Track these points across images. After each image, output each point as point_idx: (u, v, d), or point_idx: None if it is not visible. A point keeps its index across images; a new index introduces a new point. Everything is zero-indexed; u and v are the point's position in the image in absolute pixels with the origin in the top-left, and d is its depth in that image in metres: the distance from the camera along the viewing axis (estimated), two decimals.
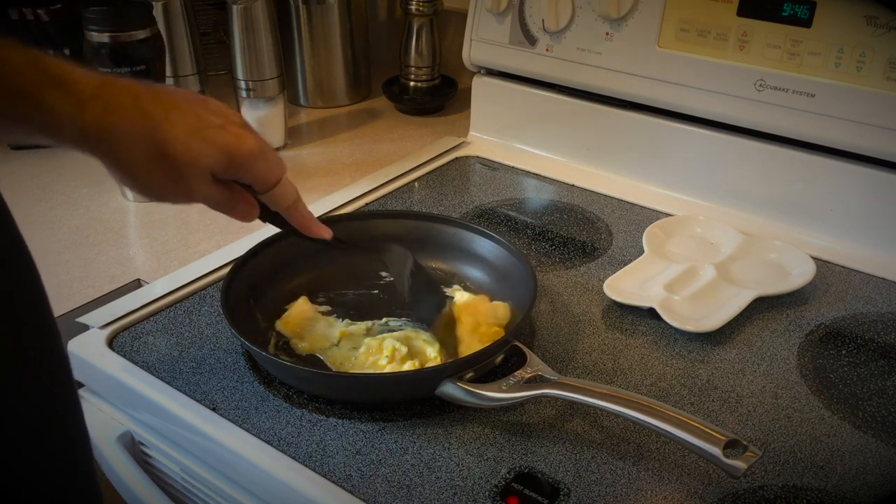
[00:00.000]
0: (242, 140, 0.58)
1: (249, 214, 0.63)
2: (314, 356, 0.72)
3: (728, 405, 0.67)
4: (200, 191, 0.58)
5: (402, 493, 0.58)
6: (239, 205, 0.62)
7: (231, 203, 0.61)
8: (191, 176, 0.56)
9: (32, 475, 0.55)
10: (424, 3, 1.24)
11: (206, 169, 0.57)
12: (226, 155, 0.57)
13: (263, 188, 0.62)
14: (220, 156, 0.57)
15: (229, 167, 0.58)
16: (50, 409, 0.56)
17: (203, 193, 0.58)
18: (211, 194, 0.59)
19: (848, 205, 0.88)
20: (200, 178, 0.57)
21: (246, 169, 0.59)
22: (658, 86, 0.96)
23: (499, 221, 0.95)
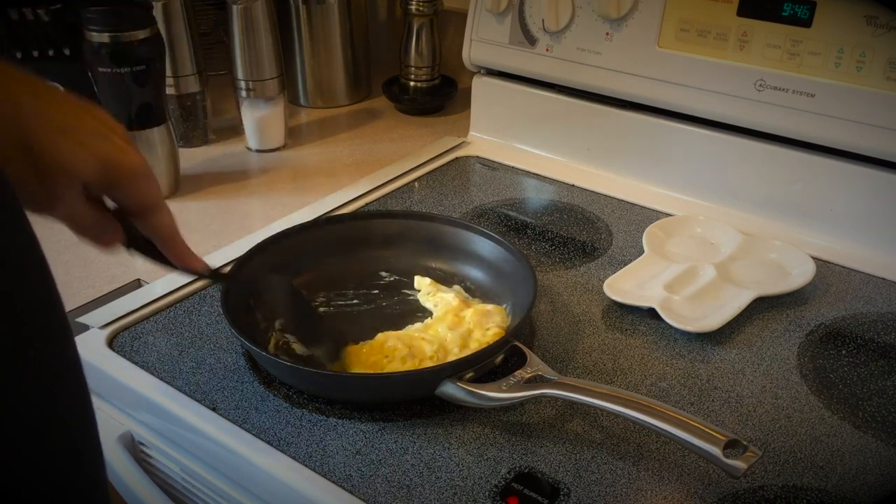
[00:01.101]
0: (125, 153, 0.52)
1: (114, 240, 0.57)
2: (314, 356, 0.72)
3: (728, 405, 0.67)
4: (67, 202, 0.51)
5: (402, 493, 0.58)
6: (105, 233, 0.56)
7: (99, 227, 0.55)
8: (59, 182, 0.50)
9: (32, 475, 0.55)
10: (424, 3, 1.24)
11: (79, 177, 0.50)
12: (104, 166, 0.51)
13: (141, 211, 0.56)
14: (97, 166, 0.51)
15: (106, 181, 0.52)
16: (51, 410, 0.55)
17: (70, 207, 0.52)
18: (78, 211, 0.53)
19: (848, 205, 0.88)
20: (69, 188, 0.51)
21: (123, 186, 0.53)
22: (658, 86, 0.96)
23: (499, 221, 0.95)
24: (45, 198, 0.50)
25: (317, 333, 0.73)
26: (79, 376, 0.57)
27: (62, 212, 0.52)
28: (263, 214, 1.00)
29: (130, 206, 0.55)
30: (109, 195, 0.54)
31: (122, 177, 0.52)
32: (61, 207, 0.52)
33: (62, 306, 0.55)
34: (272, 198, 1.05)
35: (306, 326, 0.74)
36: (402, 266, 0.83)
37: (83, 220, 0.54)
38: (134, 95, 0.98)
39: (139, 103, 0.99)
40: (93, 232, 0.55)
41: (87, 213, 0.54)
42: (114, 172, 0.52)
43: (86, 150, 0.50)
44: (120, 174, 0.52)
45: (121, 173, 0.52)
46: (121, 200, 0.55)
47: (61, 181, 0.50)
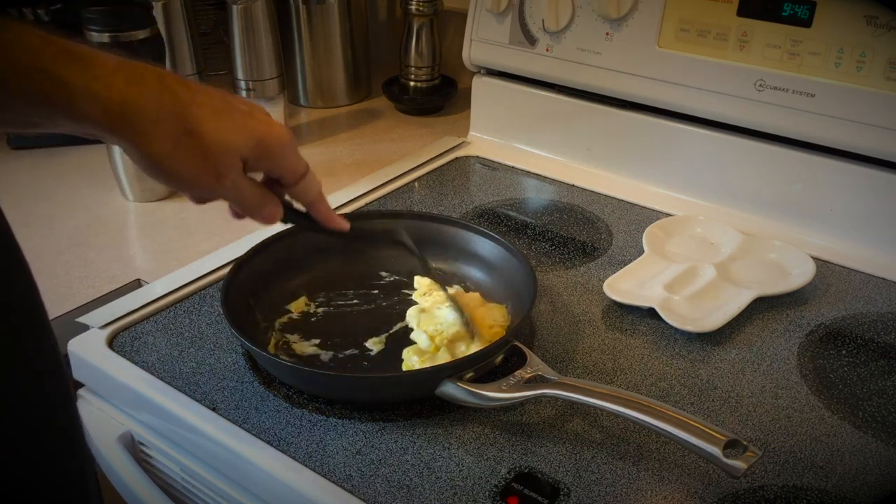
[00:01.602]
0: (273, 127, 0.57)
1: (274, 216, 0.60)
2: (314, 356, 0.72)
3: (728, 405, 0.67)
4: (230, 178, 0.55)
5: (402, 493, 0.58)
6: (267, 205, 0.59)
7: (259, 201, 0.59)
8: (220, 159, 0.53)
9: (32, 475, 0.55)
10: (424, 3, 1.24)
11: (236, 153, 0.54)
12: (257, 140, 0.55)
13: (293, 179, 0.60)
14: (250, 141, 0.55)
15: (261, 154, 0.56)
16: (49, 410, 0.56)
17: (232, 181, 0.55)
18: (240, 185, 0.56)
19: (848, 205, 0.88)
20: (230, 164, 0.54)
21: (277, 157, 0.57)
22: (658, 86, 0.96)
23: (499, 221, 0.95)
24: (213, 178, 0.54)
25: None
26: (66, 377, 0.57)
27: (229, 191, 0.56)
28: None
29: (283, 174, 0.59)
30: (264, 167, 0.58)
31: (274, 148, 0.56)
32: (227, 186, 0.55)
33: (45, 309, 0.56)
34: None
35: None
36: (402, 266, 0.83)
37: (248, 197, 0.57)
38: None
39: None
40: (257, 208, 0.59)
41: (250, 190, 0.57)
42: (266, 145, 0.56)
43: (240, 128, 0.54)
44: (272, 146, 0.56)
45: (272, 145, 0.56)
46: (274, 171, 0.58)
47: (224, 159, 0.53)
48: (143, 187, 1.02)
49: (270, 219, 0.60)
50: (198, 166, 0.53)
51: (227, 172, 0.54)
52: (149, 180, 1.01)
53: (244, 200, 0.58)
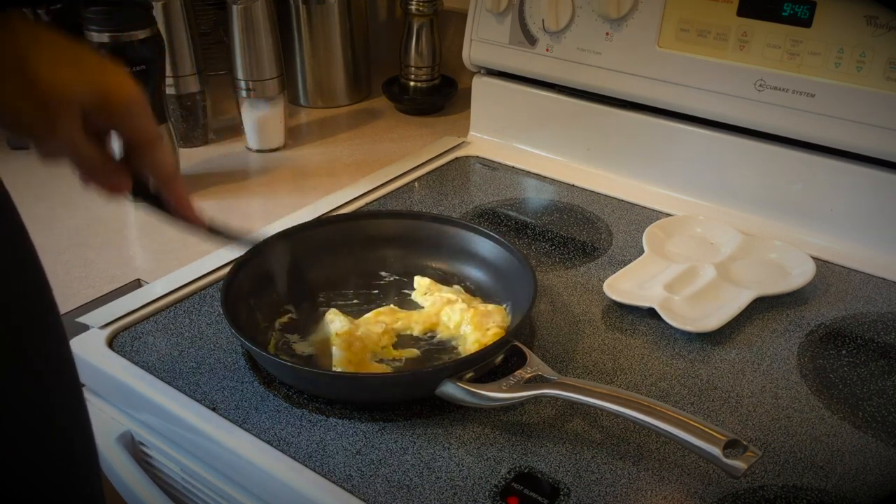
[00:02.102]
0: (122, 81, 0.52)
1: (122, 186, 0.57)
2: (314, 356, 0.72)
3: (728, 405, 0.67)
4: (65, 127, 0.50)
5: (402, 493, 0.58)
6: (111, 173, 0.56)
7: (102, 167, 0.55)
8: (56, 107, 0.49)
9: (32, 475, 0.55)
10: (424, 3, 1.24)
11: (74, 102, 0.50)
12: (100, 92, 0.51)
13: (143, 143, 0.56)
14: (93, 92, 0.51)
15: (104, 107, 0.52)
16: (49, 410, 0.56)
17: (68, 131, 0.51)
18: (79, 142, 0.52)
19: (848, 205, 0.88)
20: (68, 114, 0.50)
21: (122, 113, 0.53)
22: (658, 86, 0.96)
23: (499, 221, 0.95)
24: (46, 126, 0.50)
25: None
26: (74, 377, 0.57)
27: (65, 144, 0.52)
28: (263, 214, 1.01)
29: (129, 136, 0.55)
30: (108, 125, 0.54)
31: (119, 103, 0.52)
32: (63, 138, 0.51)
33: (57, 310, 0.55)
34: (272, 198, 1.05)
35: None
36: (402, 266, 0.83)
37: (88, 157, 0.54)
38: None
39: None
40: (99, 175, 0.55)
41: (89, 150, 0.53)
42: (109, 99, 0.52)
43: (82, 76, 0.50)
44: (116, 100, 0.52)
45: (116, 99, 0.52)
46: (119, 130, 0.55)
47: (58, 107, 0.50)
48: None
49: (114, 189, 0.57)
50: (29, 109, 0.49)
51: (63, 122, 0.50)
52: None
53: (83, 160, 0.54)
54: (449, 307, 0.75)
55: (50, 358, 0.55)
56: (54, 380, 0.56)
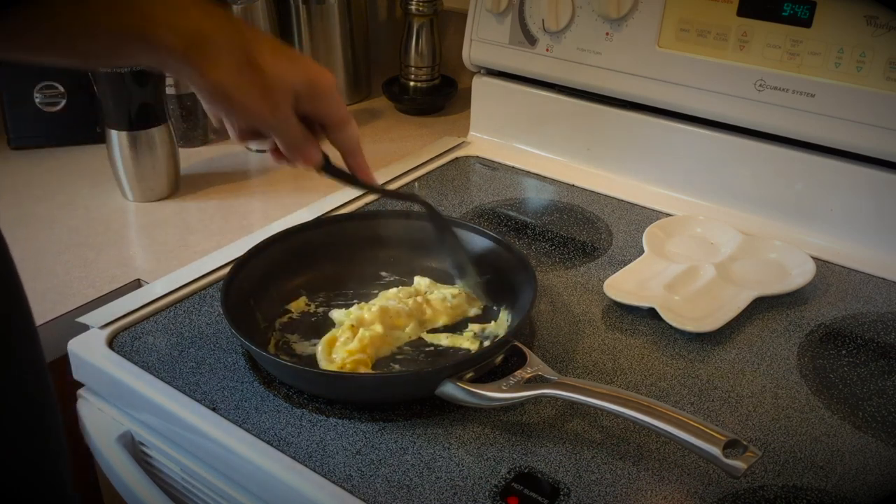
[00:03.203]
0: (324, 71, 0.62)
1: (315, 158, 0.65)
2: (314, 356, 0.72)
3: (728, 405, 0.67)
4: (283, 110, 0.60)
5: (402, 493, 0.58)
6: (310, 146, 0.64)
7: (304, 141, 0.63)
8: (277, 90, 0.59)
9: (32, 475, 0.55)
10: (424, 3, 1.24)
11: (291, 87, 0.60)
12: (310, 80, 0.61)
13: (338, 124, 0.65)
14: (304, 79, 0.60)
15: (312, 94, 0.61)
16: (49, 409, 0.56)
17: (285, 114, 0.60)
18: (290, 121, 0.61)
19: (848, 205, 0.88)
20: (285, 97, 0.60)
21: (325, 97, 0.62)
22: (658, 86, 0.96)
23: (499, 221, 0.95)
24: (269, 107, 0.59)
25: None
26: (47, 375, 0.58)
27: (280, 122, 0.61)
28: (263, 214, 1.01)
29: (329, 116, 0.64)
30: (312, 107, 0.63)
31: (323, 89, 0.62)
32: (280, 117, 0.61)
33: (31, 313, 0.57)
34: (272, 198, 1.05)
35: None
36: (402, 266, 0.83)
37: (296, 134, 0.63)
38: (134, 95, 0.98)
39: (139, 103, 0.99)
40: (301, 146, 0.64)
41: (297, 126, 0.62)
42: (316, 84, 0.62)
43: (294, 66, 0.60)
44: (321, 86, 0.62)
45: (322, 85, 0.62)
46: (321, 111, 0.63)
47: (280, 91, 0.59)
48: (143, 187, 1.02)
49: (311, 160, 0.65)
50: (257, 94, 0.58)
51: (282, 104, 0.60)
52: (149, 180, 1.02)
53: (292, 136, 0.63)
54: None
55: (37, 356, 0.56)
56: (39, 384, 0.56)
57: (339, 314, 0.76)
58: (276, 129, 0.62)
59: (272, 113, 0.60)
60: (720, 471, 0.56)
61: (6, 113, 1.15)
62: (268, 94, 0.59)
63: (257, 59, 0.57)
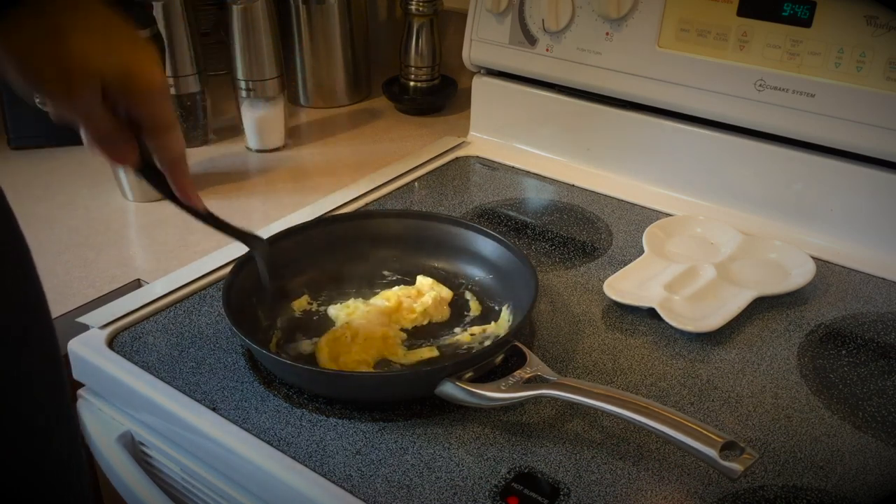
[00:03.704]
0: (147, 66, 0.54)
1: (128, 158, 0.58)
2: (314, 355, 0.72)
3: (728, 405, 0.67)
4: (84, 96, 0.52)
5: (402, 493, 0.58)
6: (121, 144, 0.57)
7: (113, 137, 0.56)
8: (77, 72, 0.51)
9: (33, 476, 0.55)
10: (424, 3, 1.24)
11: (96, 72, 0.52)
12: (124, 72, 0.53)
13: (154, 128, 0.57)
14: (117, 70, 0.52)
15: (124, 86, 0.53)
16: (63, 407, 0.56)
17: (86, 100, 0.52)
18: (94, 108, 0.53)
19: (848, 205, 0.88)
20: (86, 81, 0.52)
21: (141, 96, 0.54)
22: (658, 86, 0.96)
23: (499, 221, 0.95)
24: (64, 87, 0.51)
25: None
26: (62, 378, 0.57)
27: (80, 109, 0.53)
28: (263, 214, 1.01)
29: (144, 119, 0.56)
30: (125, 104, 0.55)
31: (139, 86, 0.54)
32: (79, 104, 0.53)
33: (48, 309, 0.56)
34: (272, 198, 1.05)
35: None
36: (403, 266, 0.83)
37: (100, 126, 0.55)
38: None
39: None
40: (108, 142, 0.56)
41: (103, 119, 0.54)
42: (132, 80, 0.53)
43: (110, 53, 0.52)
44: (137, 83, 0.54)
45: (138, 83, 0.54)
46: (136, 111, 0.56)
47: (80, 73, 0.51)
48: (143, 187, 1.02)
49: (122, 159, 0.58)
50: (52, 75, 0.51)
51: (82, 89, 0.52)
52: None
53: (95, 127, 0.55)
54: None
55: (54, 352, 0.56)
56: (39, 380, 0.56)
57: (335, 310, 0.76)
58: (77, 117, 0.54)
59: (68, 94, 0.52)
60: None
61: (6, 113, 1.15)
62: (65, 73, 0.51)
63: (63, 33, 0.50)
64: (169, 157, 0.60)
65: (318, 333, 0.75)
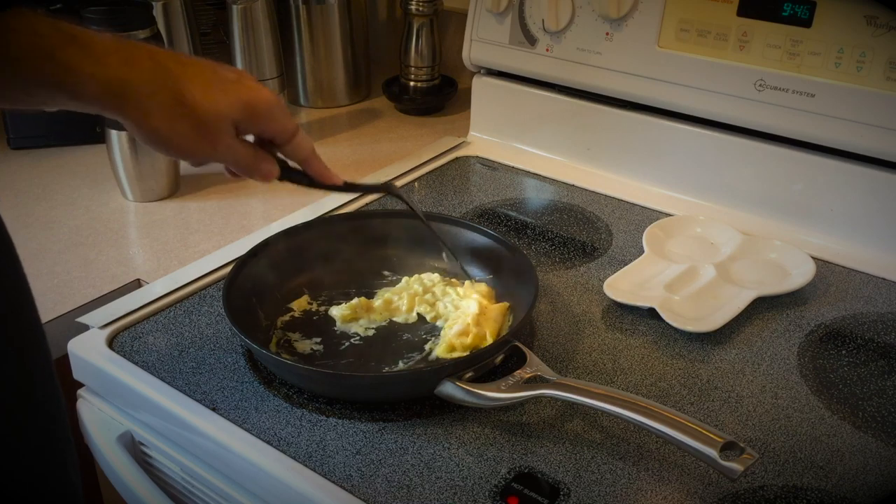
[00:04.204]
0: (260, 91, 0.61)
1: (271, 173, 0.65)
2: (314, 355, 0.72)
3: (728, 405, 0.67)
4: (224, 142, 0.59)
5: (402, 493, 0.58)
6: (262, 163, 0.63)
7: (255, 161, 0.63)
8: (213, 125, 0.58)
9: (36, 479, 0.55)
10: (424, 3, 1.24)
11: (228, 118, 0.58)
12: (246, 105, 0.59)
13: (285, 138, 0.64)
14: (240, 105, 0.59)
15: (251, 117, 0.60)
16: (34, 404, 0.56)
17: (227, 145, 0.60)
18: (235, 148, 0.61)
19: (848, 205, 0.88)
20: (223, 129, 0.59)
21: (266, 118, 0.61)
22: (658, 86, 0.96)
23: (499, 221, 0.95)
24: (208, 144, 0.59)
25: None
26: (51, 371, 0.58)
27: (224, 154, 0.61)
28: (263, 214, 1.01)
29: (274, 133, 0.63)
30: (255, 129, 0.62)
31: (262, 109, 0.61)
32: (221, 150, 0.60)
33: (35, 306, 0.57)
34: (272, 198, 1.05)
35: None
36: (403, 265, 0.83)
37: (243, 158, 0.62)
38: None
39: None
40: (253, 167, 0.63)
41: (244, 151, 0.62)
42: (254, 107, 0.60)
43: (228, 94, 0.58)
44: (260, 108, 0.61)
45: (260, 107, 0.61)
46: (265, 132, 0.63)
47: (216, 125, 0.58)
48: (143, 187, 1.02)
49: (267, 176, 0.65)
50: (193, 134, 0.57)
51: (221, 137, 0.59)
52: (149, 180, 1.02)
53: (239, 162, 0.62)
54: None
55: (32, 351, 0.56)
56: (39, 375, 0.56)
57: (338, 310, 0.76)
58: (223, 160, 0.62)
59: (213, 148, 0.59)
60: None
61: (6, 113, 1.15)
62: (204, 131, 0.58)
63: (186, 98, 0.56)
64: (303, 156, 0.67)
65: (318, 333, 0.75)
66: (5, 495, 0.53)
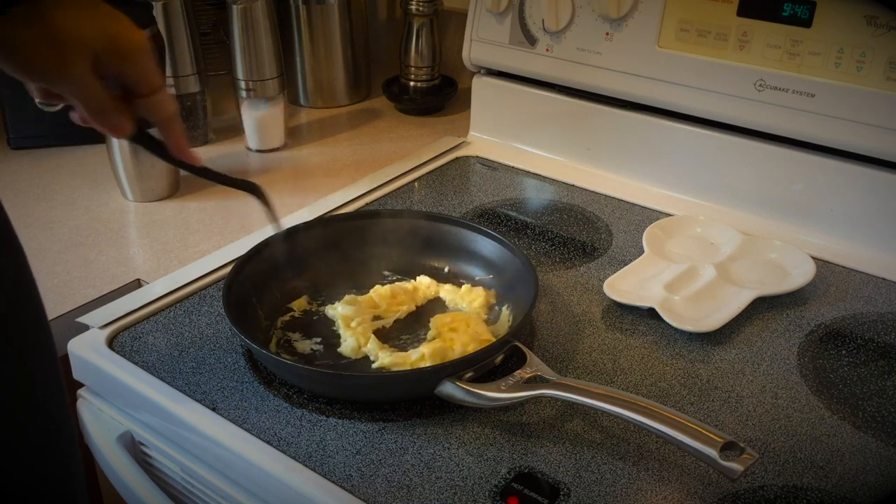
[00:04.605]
0: (132, 31, 0.57)
1: (122, 127, 0.60)
2: (314, 355, 0.72)
3: (728, 405, 0.67)
4: (78, 70, 0.55)
5: (402, 493, 0.58)
6: (115, 115, 0.59)
7: (108, 109, 0.58)
8: (71, 51, 0.53)
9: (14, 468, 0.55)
10: (424, 3, 1.24)
11: (87, 45, 0.54)
12: (111, 39, 0.55)
13: (146, 90, 0.59)
14: (104, 37, 0.55)
15: (113, 53, 0.56)
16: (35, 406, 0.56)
17: (80, 74, 0.55)
18: (88, 82, 0.56)
19: (848, 205, 0.88)
20: (80, 59, 0.54)
21: (130, 61, 0.57)
22: (658, 86, 0.96)
23: (499, 221, 0.95)
24: (58, 65, 0.54)
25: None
26: (58, 374, 0.58)
27: (74, 85, 0.56)
28: (263, 214, 1.00)
29: (136, 81, 0.59)
30: (115, 69, 0.57)
31: (128, 49, 0.57)
32: (73, 79, 0.55)
33: (43, 307, 0.56)
34: (272, 198, 1.04)
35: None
36: (403, 265, 0.83)
37: (94, 98, 0.57)
38: None
39: None
40: (105, 115, 0.59)
41: (98, 91, 0.57)
42: (119, 44, 0.56)
43: (96, 23, 0.55)
44: (124, 45, 0.56)
45: (125, 45, 0.56)
46: (126, 75, 0.58)
47: (72, 48, 0.53)
48: (143, 187, 1.02)
49: (117, 129, 0.60)
50: (45, 50, 0.53)
51: (76, 63, 0.54)
52: (149, 180, 1.02)
53: (89, 101, 0.57)
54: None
55: (39, 354, 0.56)
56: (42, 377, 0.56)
57: (332, 310, 0.76)
58: (72, 92, 0.57)
59: (62, 71, 0.54)
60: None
61: (6, 113, 1.15)
62: (58, 50, 0.53)
63: (47, 12, 0.52)
64: (162, 116, 0.62)
65: (318, 333, 0.75)
66: (5, 495, 0.53)
